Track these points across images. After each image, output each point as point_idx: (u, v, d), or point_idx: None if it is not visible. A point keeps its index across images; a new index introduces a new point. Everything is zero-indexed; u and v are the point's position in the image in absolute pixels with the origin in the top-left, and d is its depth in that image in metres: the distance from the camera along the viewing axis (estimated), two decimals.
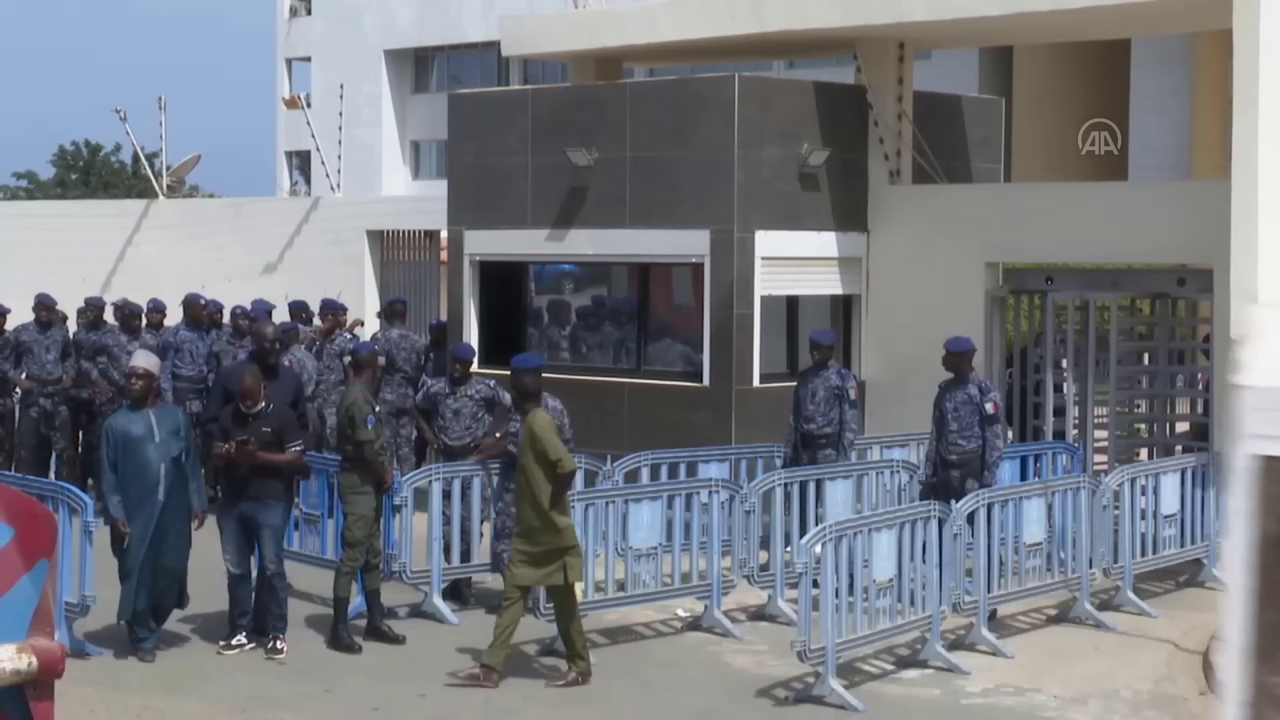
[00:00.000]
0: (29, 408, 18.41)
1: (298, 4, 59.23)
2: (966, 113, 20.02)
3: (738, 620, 13.64)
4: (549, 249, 18.58)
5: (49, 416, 18.45)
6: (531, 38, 20.85)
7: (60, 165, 74.74)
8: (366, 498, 12.86)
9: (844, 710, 11.15)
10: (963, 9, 17.22)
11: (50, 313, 18.77)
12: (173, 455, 12.27)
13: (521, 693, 11.68)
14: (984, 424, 14.14)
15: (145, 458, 12.21)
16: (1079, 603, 13.79)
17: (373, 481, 12.90)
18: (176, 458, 12.29)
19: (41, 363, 18.42)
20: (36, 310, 18.85)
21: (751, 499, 13.77)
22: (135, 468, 12.21)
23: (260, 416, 12.47)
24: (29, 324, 18.79)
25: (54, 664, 5.72)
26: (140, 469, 12.20)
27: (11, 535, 5.81)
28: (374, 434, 12.84)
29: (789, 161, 17.55)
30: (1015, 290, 17.68)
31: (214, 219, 25.90)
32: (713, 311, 17.27)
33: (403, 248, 23.80)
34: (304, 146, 51.68)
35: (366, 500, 12.86)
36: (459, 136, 19.48)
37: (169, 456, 12.25)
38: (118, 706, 11.23)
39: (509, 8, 33.99)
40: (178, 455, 12.30)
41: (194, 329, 18.40)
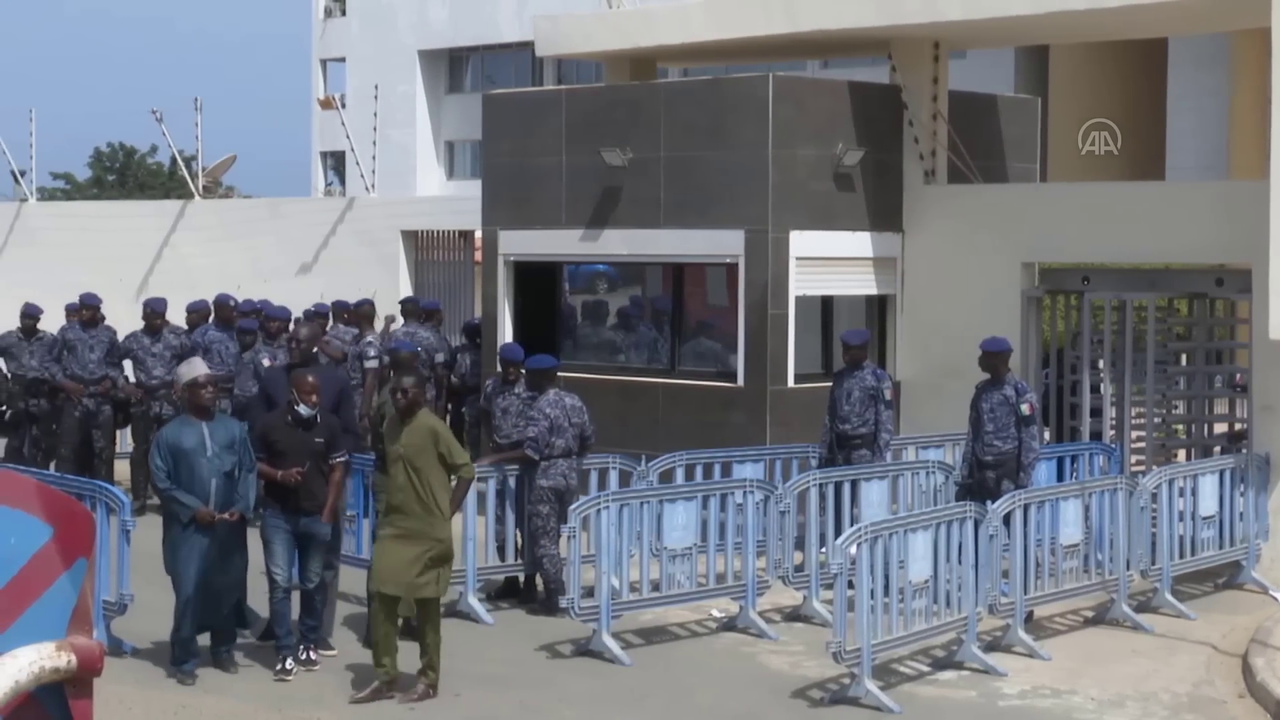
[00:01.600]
0: (73, 408, 18.46)
1: (332, 5, 59.39)
2: (1002, 112, 19.96)
3: (773, 621, 13.62)
4: (583, 249, 18.58)
5: (92, 416, 18.51)
6: (566, 38, 20.86)
7: (97, 167, 75.05)
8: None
9: (879, 711, 11.12)
10: (998, 8, 17.16)
11: (94, 312, 18.84)
12: (225, 470, 11.78)
13: (556, 693, 11.68)
14: (1020, 425, 14.11)
15: (197, 471, 11.70)
16: (1116, 604, 13.73)
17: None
18: (229, 472, 11.80)
19: (84, 362, 18.48)
20: (80, 310, 18.92)
21: (786, 499, 13.75)
22: (186, 482, 11.70)
23: (312, 425, 12.04)
24: (74, 323, 18.86)
25: (93, 662, 5.73)
26: (190, 483, 11.71)
27: (50, 534, 5.83)
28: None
29: (824, 161, 17.52)
30: (1051, 290, 17.61)
31: (249, 219, 25.97)
32: (747, 312, 17.25)
33: (437, 248, 23.83)
34: (339, 147, 51.86)
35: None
36: (493, 137, 19.50)
37: (221, 471, 11.76)
38: (155, 705, 11.26)
39: (543, 8, 34.03)
40: (230, 469, 11.81)
41: (224, 329, 18.46)
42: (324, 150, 59.39)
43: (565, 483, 13.97)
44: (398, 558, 11.32)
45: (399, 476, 11.40)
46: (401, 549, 11.33)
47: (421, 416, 11.58)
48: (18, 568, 5.78)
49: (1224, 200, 16.82)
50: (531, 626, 13.56)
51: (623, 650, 12.48)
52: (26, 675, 5.52)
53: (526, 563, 14.29)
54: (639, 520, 13.06)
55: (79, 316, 18.88)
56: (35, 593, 5.78)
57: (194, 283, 23.12)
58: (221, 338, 18.30)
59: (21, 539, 5.80)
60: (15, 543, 5.80)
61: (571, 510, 12.69)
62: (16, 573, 5.77)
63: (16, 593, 5.77)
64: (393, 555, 11.35)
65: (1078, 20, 17.49)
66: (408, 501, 11.37)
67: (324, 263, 24.35)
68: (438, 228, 23.80)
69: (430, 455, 11.42)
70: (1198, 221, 16.45)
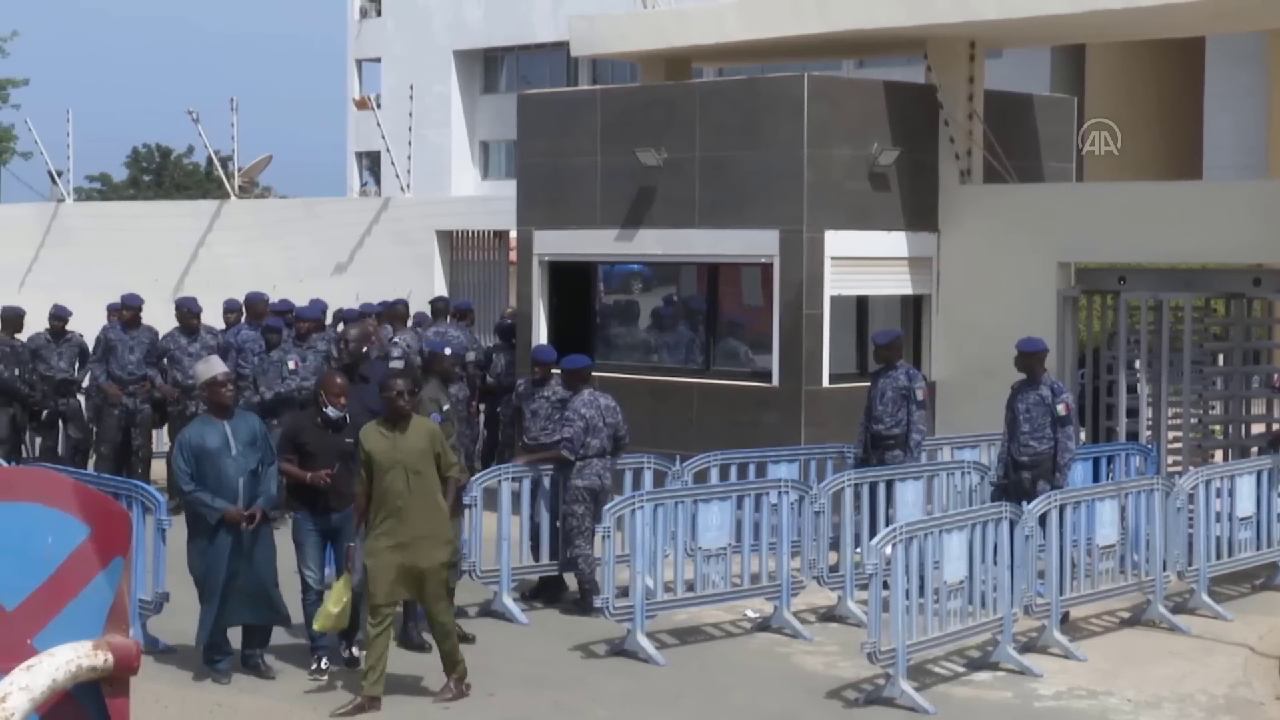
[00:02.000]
0: (112, 407, 18.53)
1: (368, 5, 59.48)
2: (1038, 112, 19.90)
3: (807, 621, 13.60)
4: (618, 249, 18.59)
5: (131, 415, 18.60)
6: (601, 38, 20.87)
7: (134, 167, 75.32)
8: None
9: (914, 712, 11.10)
10: (1034, 7, 17.11)
11: (135, 313, 18.94)
12: (250, 467, 11.72)
13: (590, 693, 11.68)
14: (1056, 425, 14.06)
15: (223, 471, 11.60)
16: (1153, 606, 13.68)
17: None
18: (254, 469, 11.75)
19: (124, 363, 18.57)
20: (120, 310, 19.00)
21: (821, 499, 13.74)
22: (212, 482, 11.59)
23: (341, 427, 12.00)
24: (115, 323, 18.95)
25: (129, 661, 5.76)
26: (217, 483, 11.60)
27: (87, 533, 5.87)
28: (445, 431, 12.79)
29: (859, 161, 17.49)
30: (1088, 290, 17.55)
31: (285, 219, 26.04)
32: (782, 312, 17.23)
33: (472, 248, 23.87)
34: (374, 147, 51.96)
35: None
36: (528, 137, 19.52)
37: (247, 469, 11.69)
38: (190, 703, 11.30)
39: (578, 8, 34.03)
40: (255, 467, 11.75)
41: (256, 328, 18.52)
42: (359, 150, 59.49)
43: (600, 482, 13.98)
44: (396, 568, 11.05)
45: (397, 483, 11.08)
46: (399, 557, 11.04)
47: (417, 420, 11.33)
48: (55, 566, 5.82)
49: (1261, 199, 16.74)
50: (566, 626, 13.57)
51: (657, 650, 12.48)
52: (64, 673, 5.55)
53: (560, 562, 14.29)
54: (674, 520, 13.05)
55: (120, 317, 18.98)
56: (72, 591, 5.82)
57: (229, 283, 23.20)
58: (254, 336, 18.35)
59: (59, 538, 5.84)
60: (53, 542, 5.83)
61: (606, 510, 12.69)
62: (54, 571, 5.81)
63: (54, 591, 5.80)
64: (391, 567, 11.05)
65: (1114, 19, 17.43)
66: (409, 508, 11.09)
67: (359, 263, 24.41)
68: (473, 228, 23.84)
69: (430, 458, 11.21)
70: (1235, 221, 16.38)
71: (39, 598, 5.77)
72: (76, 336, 19.24)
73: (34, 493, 5.92)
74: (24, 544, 5.79)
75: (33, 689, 5.45)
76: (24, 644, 5.71)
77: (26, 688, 5.44)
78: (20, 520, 5.82)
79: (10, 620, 5.74)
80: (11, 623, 5.74)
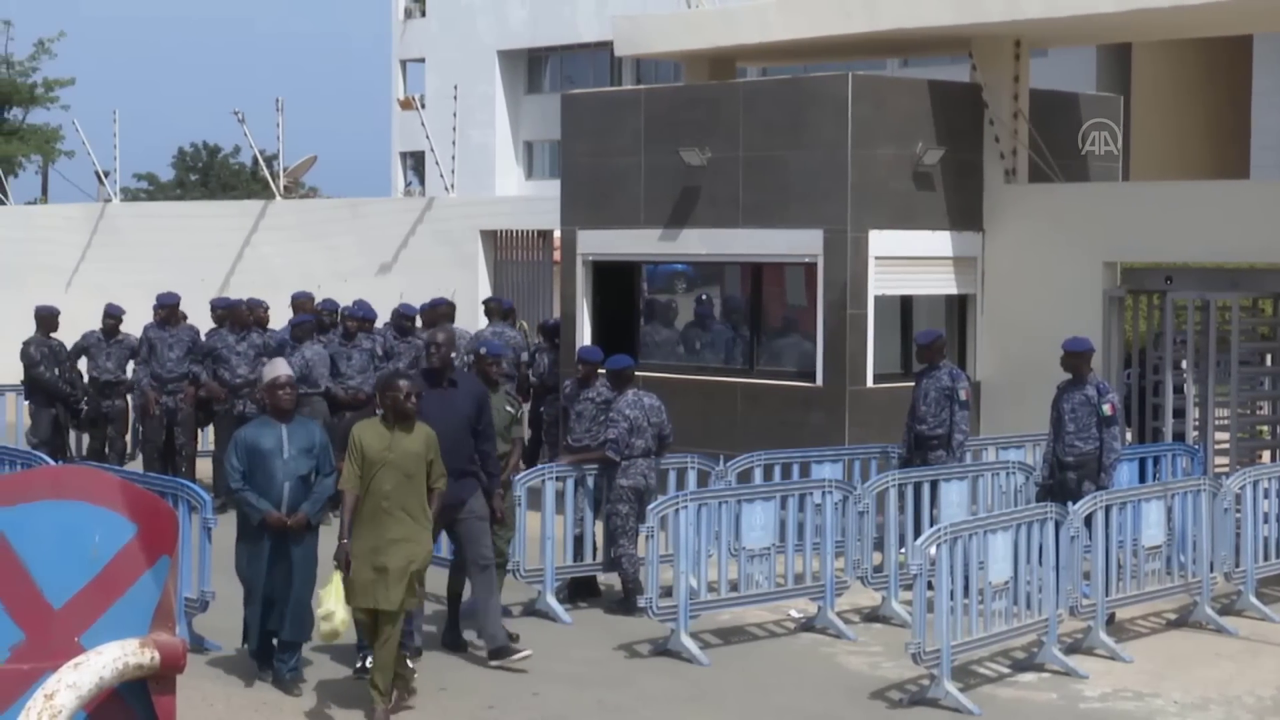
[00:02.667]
0: (155, 407, 18.63)
1: (412, 6, 59.62)
2: (1084, 111, 19.81)
3: (851, 622, 13.58)
4: (662, 249, 18.59)
5: (172, 413, 18.70)
6: (645, 37, 20.87)
7: (180, 167, 75.71)
8: None
9: (959, 713, 11.07)
10: (1080, 6, 17.04)
11: (170, 311, 19.03)
12: (300, 474, 11.60)
13: (634, 692, 11.69)
14: (1102, 425, 14.01)
15: (270, 473, 11.49)
16: (1199, 607, 13.61)
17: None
18: (305, 476, 11.63)
19: (163, 360, 18.69)
20: (157, 309, 19.12)
21: (865, 499, 13.71)
22: (258, 483, 11.50)
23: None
24: (153, 323, 19.06)
25: (176, 659, 5.79)
26: (263, 485, 11.50)
27: (134, 532, 5.89)
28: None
29: (903, 160, 17.44)
30: (1134, 290, 17.46)
31: (330, 219, 26.10)
32: (826, 311, 17.20)
33: (516, 248, 23.88)
34: (418, 147, 52.03)
35: None
36: (572, 136, 19.53)
37: (296, 475, 11.58)
38: (236, 701, 11.35)
39: (622, 8, 34.06)
40: (306, 474, 11.64)
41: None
42: (404, 150, 59.63)
43: (644, 482, 13.99)
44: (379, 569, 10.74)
45: (386, 483, 10.81)
46: (383, 559, 10.74)
47: (418, 425, 11.05)
48: (102, 565, 5.85)
49: None
50: (609, 626, 13.58)
51: (700, 650, 12.48)
52: (111, 671, 5.58)
53: (604, 562, 14.30)
54: (717, 520, 13.04)
55: (156, 316, 19.12)
56: (120, 589, 5.85)
57: (275, 283, 23.27)
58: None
59: (106, 536, 5.87)
60: (100, 540, 5.86)
61: (650, 510, 12.69)
62: (101, 570, 5.84)
63: (101, 589, 5.83)
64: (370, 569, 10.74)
65: (1161, 18, 17.34)
66: (393, 509, 10.81)
67: (403, 263, 24.45)
68: (516, 228, 23.85)
69: (423, 464, 10.97)
70: None
71: (86, 596, 5.80)
72: (129, 338, 19.35)
73: (82, 491, 5.95)
74: (72, 542, 5.82)
75: (80, 686, 5.47)
76: (71, 642, 5.74)
77: (74, 685, 5.47)
78: (68, 519, 5.86)
79: (58, 618, 5.77)
80: (59, 620, 5.77)
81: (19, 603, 5.73)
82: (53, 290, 26.17)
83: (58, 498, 5.90)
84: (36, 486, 6.03)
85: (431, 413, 11.36)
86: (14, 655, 5.72)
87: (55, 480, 6.13)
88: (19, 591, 5.73)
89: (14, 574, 5.74)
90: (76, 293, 26.28)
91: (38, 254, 29.40)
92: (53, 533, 5.83)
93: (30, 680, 5.63)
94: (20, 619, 5.73)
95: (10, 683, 5.68)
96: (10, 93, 45.66)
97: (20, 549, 5.75)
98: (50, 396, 18.84)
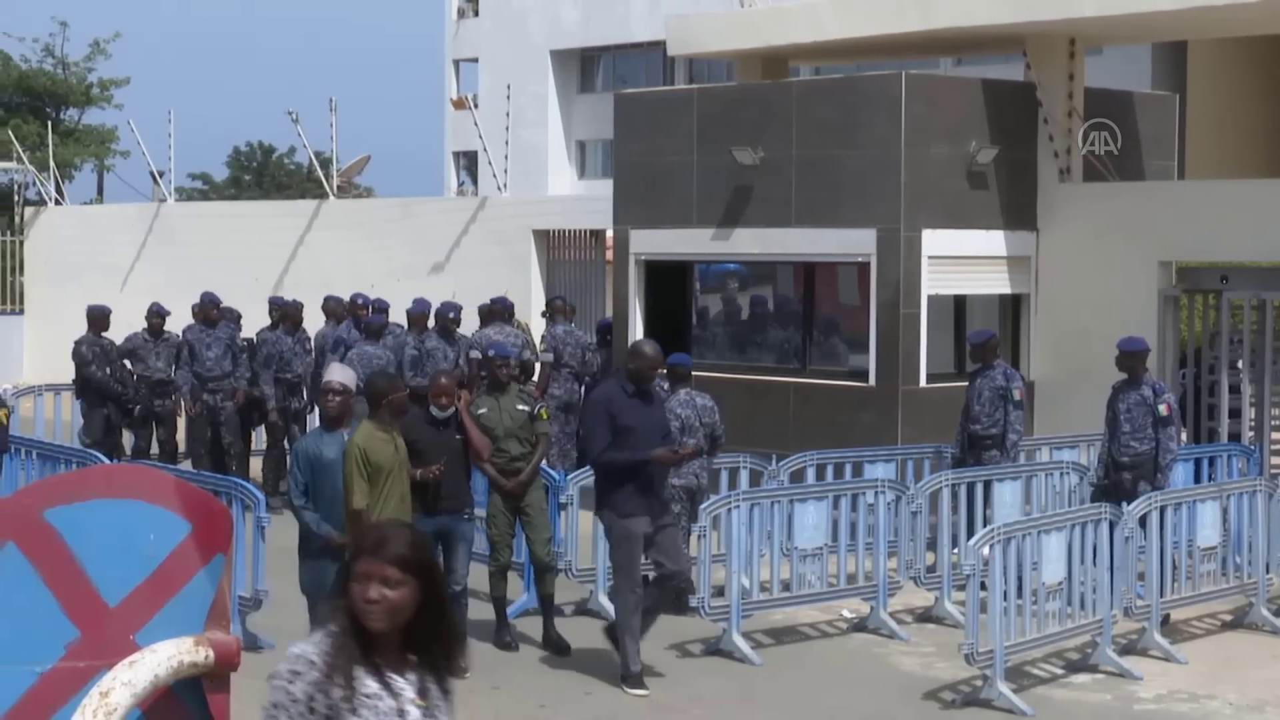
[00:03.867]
0: (201, 407, 18.73)
1: (465, 5, 59.73)
2: (1139, 109, 19.69)
3: (904, 622, 13.54)
4: (714, 248, 18.58)
5: (214, 412, 18.80)
6: (697, 37, 20.86)
7: (235, 167, 76.02)
8: (493, 496, 12.77)
9: (1012, 714, 11.03)
10: (1136, 4, 16.95)
11: (213, 311, 19.16)
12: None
13: (684, 692, 11.68)
14: (1157, 426, 13.92)
15: (337, 485, 10.94)
16: (1255, 608, 13.52)
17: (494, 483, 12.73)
18: None
19: (203, 360, 18.78)
20: (201, 309, 19.20)
21: (918, 499, 13.67)
22: (326, 496, 10.98)
23: (449, 424, 11.93)
24: (194, 324, 19.16)
25: (230, 657, 5.81)
26: (331, 498, 10.96)
27: (189, 530, 5.91)
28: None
29: (957, 160, 17.38)
30: (1189, 289, 17.36)
31: (383, 219, 26.21)
32: (879, 311, 17.16)
33: (568, 247, 23.92)
34: (471, 147, 52.16)
35: (493, 499, 12.76)
36: (625, 136, 19.54)
37: None
38: None
39: (675, 7, 34.03)
40: None
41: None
42: (457, 150, 59.74)
43: (696, 481, 13.97)
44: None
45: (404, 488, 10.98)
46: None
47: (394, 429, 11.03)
48: (157, 563, 5.87)
49: None
50: (661, 625, 13.52)
51: (753, 650, 12.47)
52: (165, 669, 5.61)
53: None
54: (769, 520, 13.03)
55: (195, 315, 19.26)
56: (174, 588, 5.87)
57: (328, 282, 23.37)
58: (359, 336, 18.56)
59: (161, 535, 5.89)
60: (155, 539, 5.88)
61: (702, 509, 12.69)
62: (156, 568, 5.86)
63: (156, 588, 5.85)
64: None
65: (1218, 15, 17.23)
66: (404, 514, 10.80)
67: (456, 262, 24.52)
68: (569, 227, 23.89)
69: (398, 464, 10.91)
70: None
71: (141, 594, 5.82)
72: (174, 337, 19.45)
73: (136, 490, 5.97)
74: (127, 541, 5.84)
75: (135, 684, 5.50)
76: (127, 640, 5.76)
77: (129, 683, 5.49)
78: (123, 517, 5.88)
79: (114, 616, 5.79)
80: (115, 619, 5.79)
81: (75, 601, 5.76)
82: (109, 290, 26.36)
83: (112, 496, 5.92)
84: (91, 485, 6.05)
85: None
86: (70, 653, 5.75)
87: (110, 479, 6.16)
88: (75, 590, 5.76)
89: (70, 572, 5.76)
90: (132, 292, 26.45)
91: (95, 254, 29.63)
92: (108, 531, 5.86)
93: (86, 678, 5.65)
94: (76, 617, 5.75)
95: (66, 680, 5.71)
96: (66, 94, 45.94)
97: (76, 547, 5.77)
98: (102, 396, 18.93)
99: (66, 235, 30.84)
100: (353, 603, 4.96)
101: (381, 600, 4.92)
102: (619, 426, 11.46)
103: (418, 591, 4.97)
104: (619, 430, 11.46)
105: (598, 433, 11.54)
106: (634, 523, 11.47)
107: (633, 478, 11.48)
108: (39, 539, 5.76)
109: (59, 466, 14.74)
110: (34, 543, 5.76)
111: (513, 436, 12.72)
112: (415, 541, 5.04)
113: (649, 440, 11.51)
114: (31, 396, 21.51)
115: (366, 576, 4.93)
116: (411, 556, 4.96)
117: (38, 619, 5.73)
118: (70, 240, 30.60)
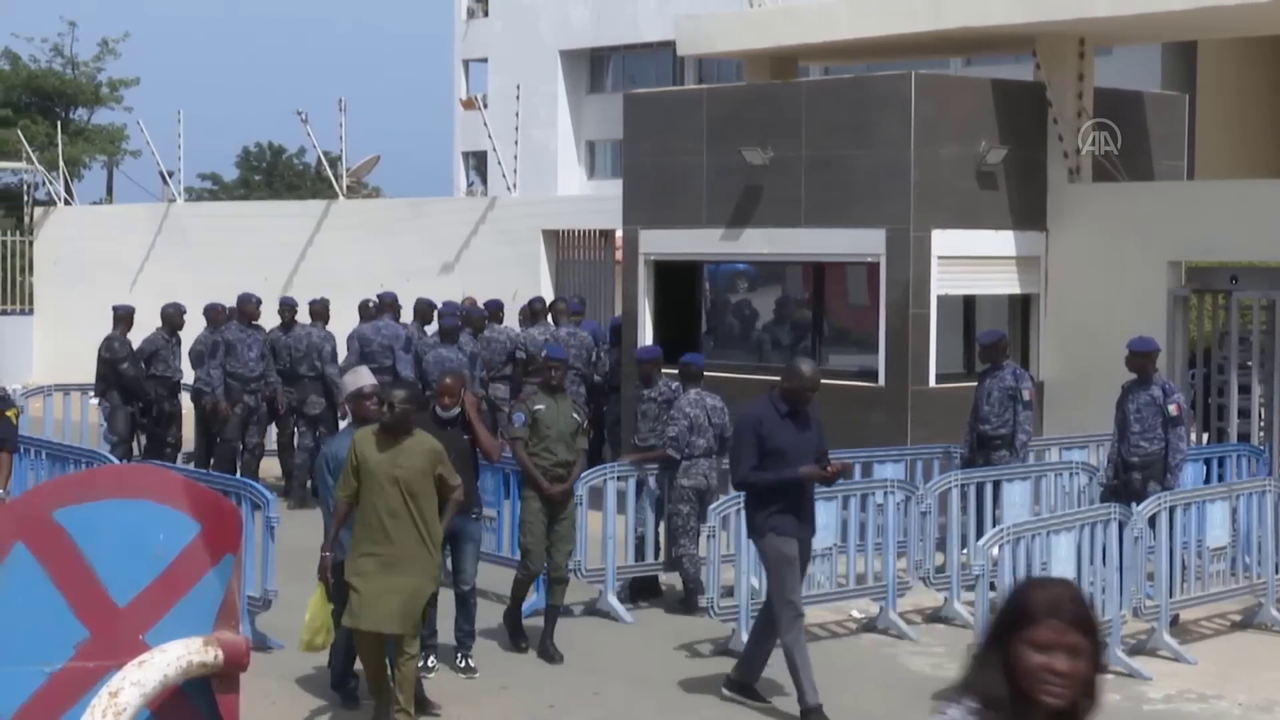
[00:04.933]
0: (234, 405, 18.71)
1: (475, 5, 59.75)
2: (1149, 110, 19.67)
3: (913, 622, 13.54)
4: (724, 248, 18.57)
5: (251, 412, 18.83)
6: (707, 37, 20.85)
7: (244, 167, 76.12)
8: (528, 502, 12.66)
9: None
10: (1146, 4, 16.92)
11: (219, 312, 19.22)
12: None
13: (693, 692, 11.68)
14: (1167, 426, 13.91)
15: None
16: (1264, 609, 13.50)
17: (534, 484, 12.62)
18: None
19: (244, 360, 18.78)
20: (240, 308, 19.20)
21: (928, 500, 13.67)
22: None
23: (455, 423, 11.80)
24: (232, 323, 19.15)
25: (239, 657, 5.82)
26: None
27: (198, 531, 5.93)
28: (523, 432, 12.66)
29: (966, 160, 17.37)
30: (1199, 289, 17.34)
31: (392, 219, 26.23)
32: (888, 311, 17.15)
33: (578, 247, 23.92)
34: (481, 147, 52.13)
35: (528, 505, 12.66)
36: (634, 136, 19.53)
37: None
38: (299, 700, 11.40)
39: (685, 7, 34.01)
40: None
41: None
42: (466, 150, 59.76)
43: (706, 482, 13.98)
44: (382, 589, 10.09)
45: (392, 500, 10.17)
46: (388, 579, 10.11)
47: (419, 435, 10.41)
48: (166, 563, 5.89)
49: None
50: (670, 626, 13.58)
51: None
52: (175, 669, 5.62)
53: (665, 562, 14.30)
54: None
55: (240, 316, 19.31)
56: (183, 588, 5.89)
57: (338, 283, 23.40)
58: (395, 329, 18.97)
59: (170, 535, 5.91)
60: (164, 539, 5.90)
61: (711, 510, 12.68)
62: (165, 568, 5.88)
63: (166, 588, 5.87)
64: (376, 586, 10.11)
65: (1228, 15, 17.20)
66: (399, 528, 10.16)
67: (465, 262, 24.53)
68: (578, 227, 23.89)
69: (429, 480, 10.30)
70: None
71: (151, 594, 5.84)
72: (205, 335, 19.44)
73: (146, 490, 5.99)
74: (136, 541, 5.87)
75: (144, 684, 5.52)
76: (136, 640, 5.78)
77: (138, 683, 5.51)
78: (133, 517, 5.90)
79: (123, 616, 5.82)
80: (124, 619, 5.82)
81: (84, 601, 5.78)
82: (118, 290, 26.40)
83: (122, 496, 5.94)
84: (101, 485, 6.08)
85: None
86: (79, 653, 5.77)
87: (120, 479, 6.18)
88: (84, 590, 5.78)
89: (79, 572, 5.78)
90: (141, 292, 26.46)
91: (104, 254, 29.67)
92: (117, 531, 5.88)
93: (95, 678, 5.67)
94: (85, 617, 5.77)
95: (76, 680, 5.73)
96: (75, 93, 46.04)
97: (85, 548, 5.79)
98: (130, 394, 18.85)
99: (76, 235, 30.87)
100: (1025, 673, 4.23)
101: (1072, 674, 4.24)
102: (768, 449, 10.92)
103: (1093, 661, 4.29)
104: (768, 453, 10.91)
105: (744, 454, 10.98)
106: (786, 543, 10.99)
107: (779, 497, 10.98)
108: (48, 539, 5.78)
109: (68, 466, 14.76)
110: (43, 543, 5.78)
111: (562, 441, 12.67)
112: (1084, 599, 4.33)
113: (800, 463, 10.94)
114: (41, 396, 21.54)
115: (1050, 645, 4.20)
116: (1091, 619, 4.27)
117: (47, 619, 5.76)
118: (79, 240, 30.63)
